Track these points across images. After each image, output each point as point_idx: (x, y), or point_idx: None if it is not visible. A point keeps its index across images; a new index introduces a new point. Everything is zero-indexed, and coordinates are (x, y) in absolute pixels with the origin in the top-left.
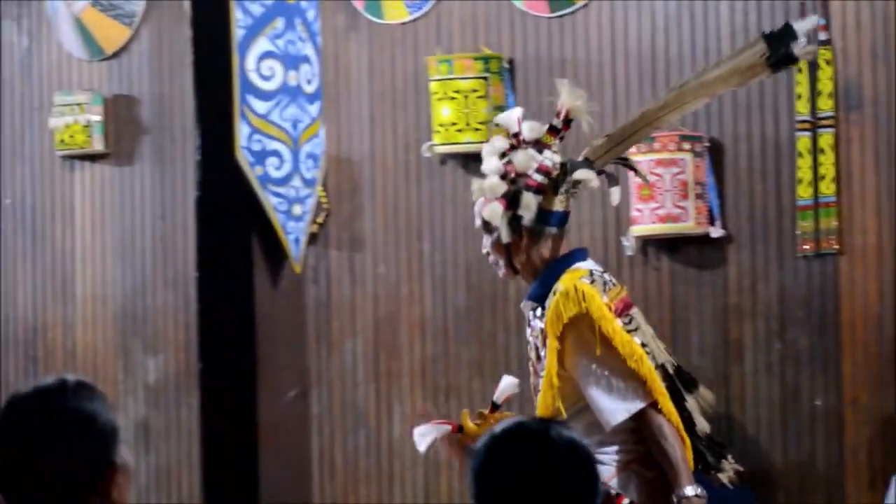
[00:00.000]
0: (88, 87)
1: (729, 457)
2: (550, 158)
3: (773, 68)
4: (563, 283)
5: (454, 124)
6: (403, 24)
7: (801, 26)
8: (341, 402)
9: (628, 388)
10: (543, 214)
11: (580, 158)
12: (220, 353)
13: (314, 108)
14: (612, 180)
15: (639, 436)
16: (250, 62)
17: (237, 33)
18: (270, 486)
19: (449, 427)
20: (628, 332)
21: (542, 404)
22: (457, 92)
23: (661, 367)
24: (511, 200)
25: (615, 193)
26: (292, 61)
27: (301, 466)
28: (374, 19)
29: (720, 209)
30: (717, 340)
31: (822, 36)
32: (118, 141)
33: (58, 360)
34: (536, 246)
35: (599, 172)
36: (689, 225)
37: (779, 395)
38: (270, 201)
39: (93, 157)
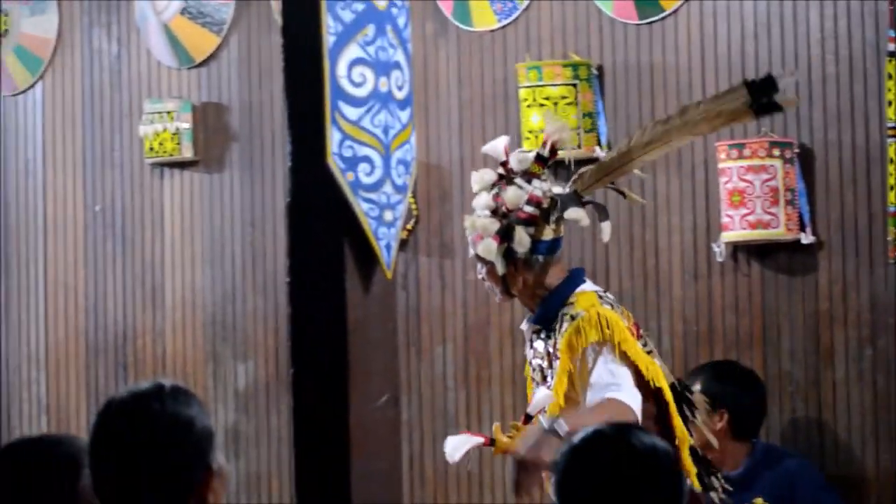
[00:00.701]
0: (178, 94)
1: (719, 475)
2: (540, 188)
3: (757, 114)
4: (583, 308)
5: (543, 131)
6: (492, 31)
7: (782, 80)
8: (431, 408)
9: (612, 382)
10: (536, 244)
11: (568, 187)
12: (311, 359)
13: (405, 115)
14: (603, 214)
15: None
16: (341, 68)
17: (328, 40)
18: (362, 492)
19: (481, 439)
20: (647, 353)
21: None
22: (546, 99)
23: (671, 386)
24: (504, 235)
25: (606, 228)
26: (383, 67)
27: (392, 472)
28: (463, 26)
29: (810, 215)
30: (808, 347)
31: None
32: (207, 148)
33: (147, 366)
34: (532, 273)
35: (587, 203)
36: (780, 231)
37: (870, 401)
38: (362, 207)
39: (182, 165)
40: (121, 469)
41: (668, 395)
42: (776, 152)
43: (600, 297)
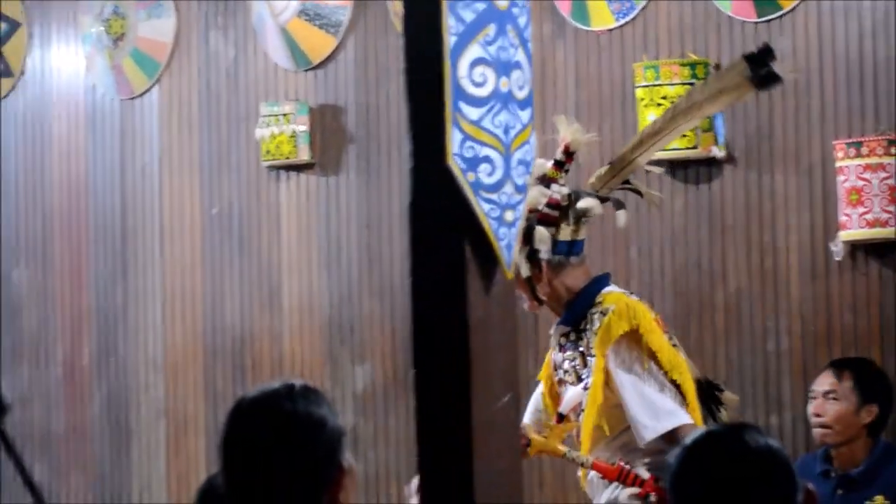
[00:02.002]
0: (294, 97)
1: None
2: (559, 191)
3: (758, 87)
4: (613, 302)
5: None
6: (610, 30)
7: (779, 47)
8: None
9: (662, 408)
10: (559, 245)
11: (586, 188)
12: (433, 360)
13: (525, 114)
14: (619, 205)
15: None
16: (462, 69)
17: (449, 40)
18: (484, 492)
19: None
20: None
21: (587, 423)
22: (663, 98)
23: (697, 382)
24: (525, 236)
25: (621, 216)
26: (504, 67)
27: (513, 472)
28: (581, 26)
29: None
30: None
31: None
32: (324, 151)
33: (266, 369)
34: (558, 276)
35: (605, 199)
36: None
37: None
38: (482, 208)
39: (298, 168)
40: (255, 469)
41: (688, 386)
42: (894, 150)
43: (628, 295)
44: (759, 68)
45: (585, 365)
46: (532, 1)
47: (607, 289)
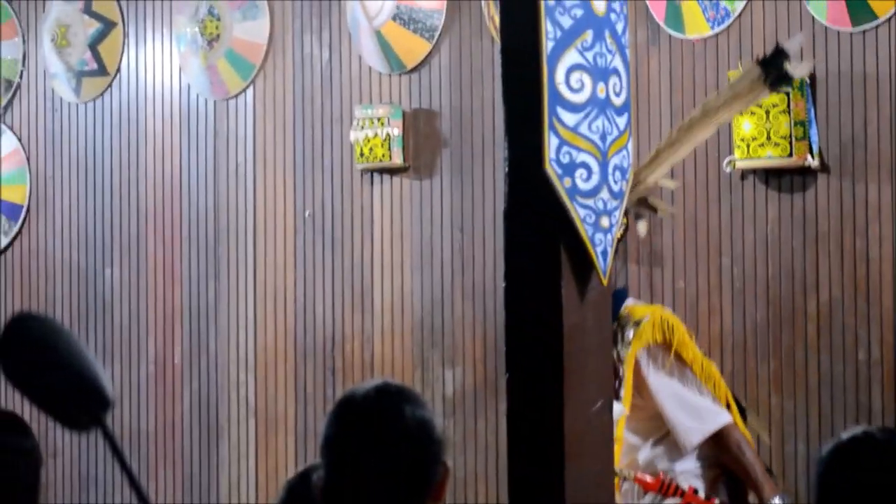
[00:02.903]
0: (388, 100)
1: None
2: None
3: (771, 87)
4: (647, 313)
5: (755, 139)
6: (705, 38)
7: (791, 45)
8: None
9: (705, 409)
10: None
11: None
12: (527, 364)
13: (622, 121)
14: (638, 215)
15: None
16: (560, 74)
17: (547, 45)
18: (576, 495)
19: None
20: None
21: (617, 435)
22: (758, 107)
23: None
24: None
25: (641, 226)
26: (601, 73)
27: (605, 476)
28: (675, 34)
29: None
30: None
31: None
32: (417, 154)
33: (356, 371)
34: None
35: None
36: None
37: None
38: (578, 213)
39: (392, 171)
40: (363, 469)
41: (721, 394)
42: None
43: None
44: (772, 70)
45: (616, 375)
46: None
47: (630, 302)
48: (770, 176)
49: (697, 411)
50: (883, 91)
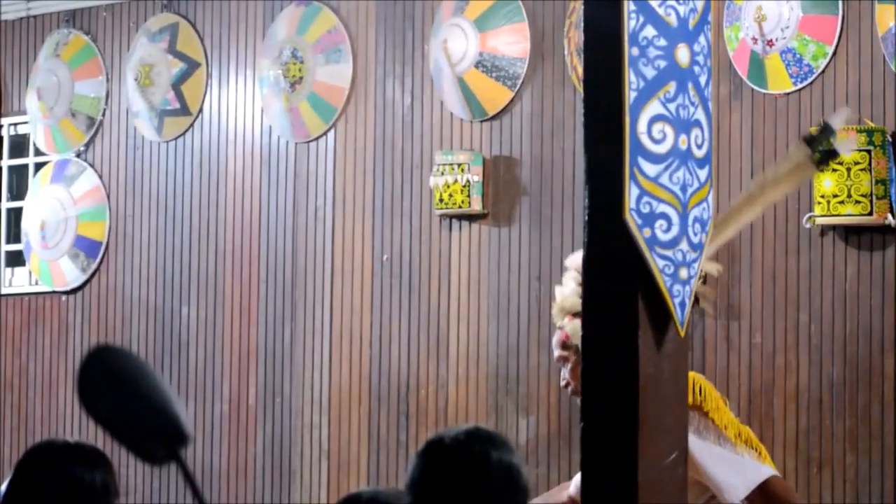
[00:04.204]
0: (469, 147)
1: None
2: None
3: (818, 165)
4: None
5: (835, 196)
6: (787, 94)
7: (837, 121)
8: None
9: (746, 464)
10: None
11: None
12: (602, 414)
13: (703, 173)
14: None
15: None
16: (642, 124)
17: (629, 95)
18: None
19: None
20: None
21: None
22: (839, 163)
23: None
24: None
25: (713, 266)
26: (683, 125)
27: None
28: (758, 88)
29: None
30: None
31: None
32: (496, 201)
33: (430, 417)
34: None
35: None
36: None
37: None
38: (657, 264)
39: (471, 217)
40: None
41: (762, 452)
42: None
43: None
44: (819, 147)
45: None
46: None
47: None
48: (849, 233)
49: (738, 466)
50: None
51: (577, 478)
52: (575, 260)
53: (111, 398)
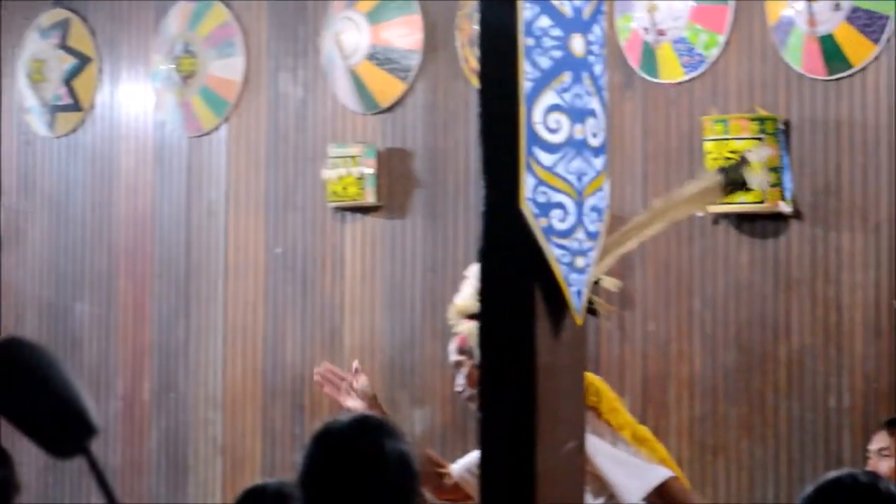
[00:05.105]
0: (362, 139)
1: None
2: None
3: (725, 192)
4: None
5: None
6: (679, 83)
7: (754, 156)
8: None
9: (642, 466)
10: None
11: None
12: (499, 404)
13: (599, 162)
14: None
15: None
16: (537, 115)
17: (525, 86)
18: None
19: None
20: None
21: None
22: (732, 152)
23: None
24: None
25: (610, 282)
26: (579, 115)
27: None
28: (650, 78)
29: None
30: None
31: None
32: (390, 194)
33: (324, 409)
34: None
35: None
36: None
37: None
38: (553, 253)
39: (364, 210)
40: (346, 501)
41: (662, 454)
42: None
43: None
44: (731, 176)
45: None
46: None
47: None
48: (743, 221)
49: (635, 469)
50: (856, 138)
51: (462, 461)
52: (474, 269)
53: (18, 391)
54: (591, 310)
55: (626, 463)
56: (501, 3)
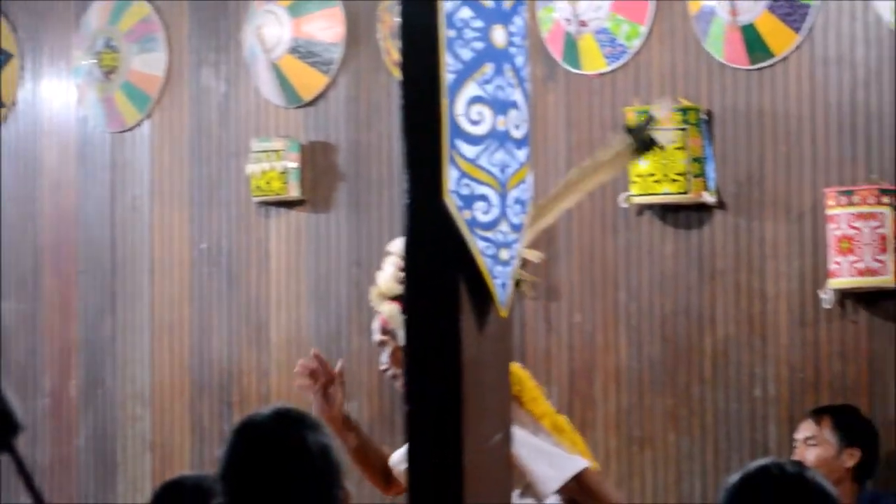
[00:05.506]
0: (285, 133)
1: None
2: None
3: (637, 152)
4: None
5: (651, 175)
6: (602, 74)
7: (658, 111)
8: None
9: (560, 456)
10: None
11: None
12: (425, 397)
13: (522, 154)
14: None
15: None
16: (459, 107)
17: (447, 78)
18: None
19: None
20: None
21: None
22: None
23: None
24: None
25: (534, 254)
26: (501, 106)
27: None
28: (572, 69)
29: None
30: None
31: None
32: (314, 187)
33: (252, 404)
34: None
35: None
36: (888, 279)
37: None
38: (478, 245)
39: (289, 204)
40: (269, 495)
41: (580, 447)
42: (885, 199)
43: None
44: (639, 136)
45: None
46: None
47: None
48: (667, 212)
49: (553, 459)
50: (779, 128)
51: (401, 451)
52: (396, 245)
53: None
54: (516, 282)
55: (545, 452)
56: None
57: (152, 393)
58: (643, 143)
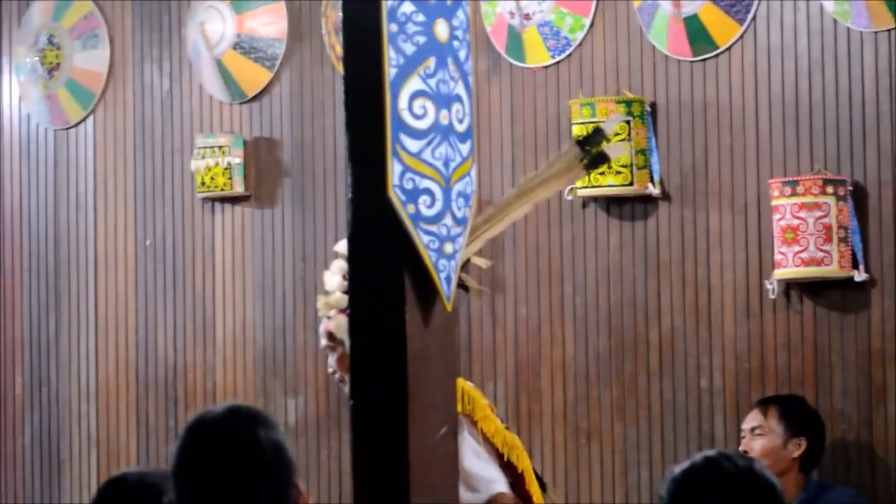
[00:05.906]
0: (229, 129)
1: None
2: None
3: (588, 168)
4: None
5: None
6: (546, 67)
7: (609, 126)
8: None
9: (481, 479)
10: None
11: None
12: (371, 391)
13: (465, 147)
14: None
15: None
16: (402, 101)
17: (389, 72)
18: None
19: None
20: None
21: None
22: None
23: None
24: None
25: (481, 260)
26: (444, 100)
27: None
28: (516, 63)
29: (864, 253)
30: (861, 385)
31: None
32: (258, 183)
33: (198, 401)
34: None
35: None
36: (833, 269)
37: None
38: (422, 239)
39: (233, 200)
40: (222, 492)
41: (525, 465)
42: (829, 189)
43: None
44: (590, 150)
45: None
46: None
47: None
48: (611, 204)
49: (474, 481)
50: (723, 120)
51: None
52: (343, 246)
53: None
54: (463, 286)
55: (468, 475)
56: None
57: (97, 390)
58: (593, 158)
